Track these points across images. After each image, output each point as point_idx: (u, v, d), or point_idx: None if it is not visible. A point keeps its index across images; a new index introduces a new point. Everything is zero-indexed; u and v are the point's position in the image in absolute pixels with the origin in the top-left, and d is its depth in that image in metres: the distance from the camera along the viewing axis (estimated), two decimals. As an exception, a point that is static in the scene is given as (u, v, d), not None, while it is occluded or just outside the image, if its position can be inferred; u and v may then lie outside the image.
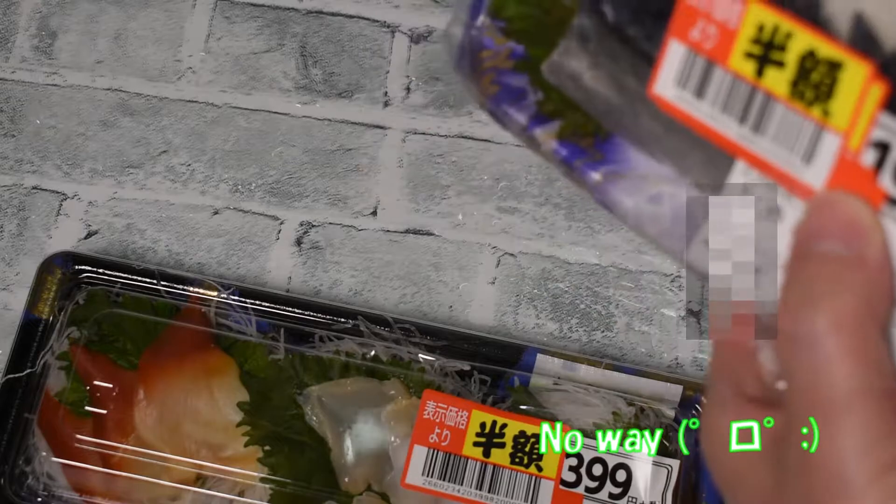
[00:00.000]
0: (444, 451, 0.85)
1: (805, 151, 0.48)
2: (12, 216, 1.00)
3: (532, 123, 0.61)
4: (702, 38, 0.51)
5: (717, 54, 0.51)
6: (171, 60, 1.05)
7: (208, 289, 0.92)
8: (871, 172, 0.46)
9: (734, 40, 0.50)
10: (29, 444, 0.88)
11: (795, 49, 0.48)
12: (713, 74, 0.51)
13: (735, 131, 0.50)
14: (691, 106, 0.52)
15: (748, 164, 0.50)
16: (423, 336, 0.90)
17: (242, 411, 0.88)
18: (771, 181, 0.49)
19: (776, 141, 0.49)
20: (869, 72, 0.46)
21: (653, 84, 0.53)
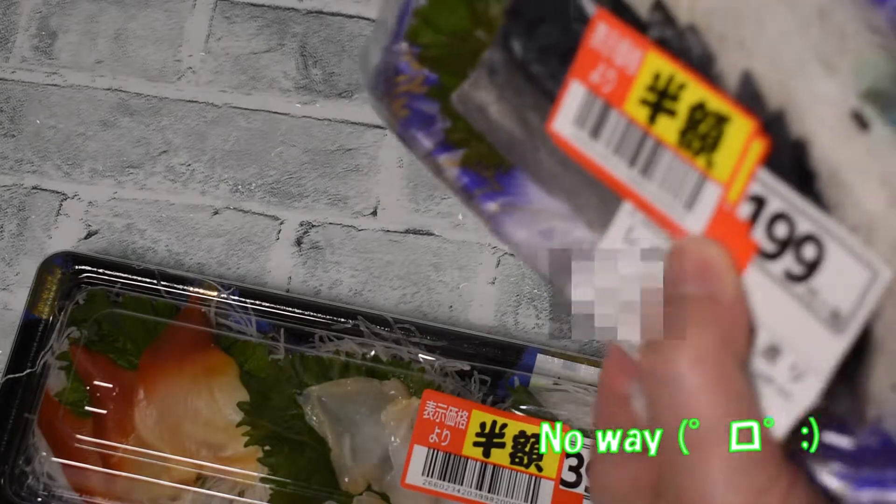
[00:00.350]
0: (444, 451, 0.85)
1: (688, 198, 0.50)
2: (12, 216, 1.00)
3: (437, 150, 0.62)
4: (601, 81, 0.53)
5: (614, 98, 0.52)
6: (171, 60, 1.05)
7: (208, 289, 0.92)
8: (745, 225, 0.48)
9: (631, 86, 0.51)
10: (29, 444, 0.88)
11: (687, 100, 0.49)
12: (609, 117, 0.52)
13: (625, 173, 0.51)
14: (586, 145, 0.53)
15: (635, 205, 0.51)
16: (423, 336, 0.90)
17: (242, 411, 0.88)
18: (654, 224, 0.50)
19: (662, 186, 0.50)
20: (753, 128, 0.48)
21: (552, 121, 0.54)
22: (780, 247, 0.48)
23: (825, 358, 0.46)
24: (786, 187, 0.47)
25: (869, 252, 0.46)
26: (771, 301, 0.48)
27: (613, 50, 0.52)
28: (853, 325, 0.46)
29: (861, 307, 0.46)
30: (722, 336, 0.45)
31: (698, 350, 0.44)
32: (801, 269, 0.47)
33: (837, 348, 0.46)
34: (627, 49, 0.52)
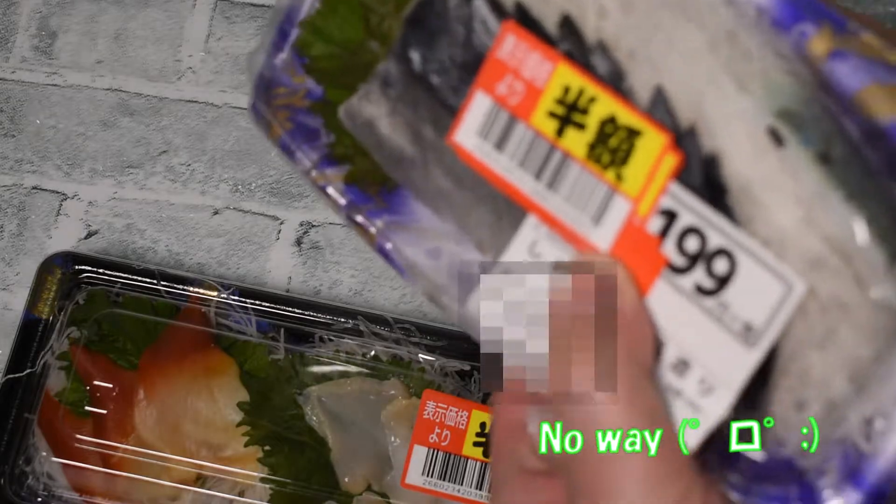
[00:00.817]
0: (444, 450, 0.85)
1: (595, 212, 0.49)
2: (12, 216, 1.00)
3: (321, 165, 0.61)
4: (508, 93, 0.52)
5: (520, 110, 0.51)
6: (170, 60, 1.05)
7: (208, 289, 0.91)
8: (655, 239, 0.48)
9: (539, 99, 0.51)
10: (29, 444, 0.88)
11: (597, 113, 0.49)
12: (514, 129, 0.52)
13: (530, 186, 0.51)
14: (489, 157, 0.52)
15: (539, 218, 0.51)
16: (423, 336, 0.90)
17: (242, 411, 0.88)
18: (559, 238, 0.50)
19: (569, 200, 0.50)
20: (665, 142, 0.48)
21: (454, 132, 0.54)
22: (690, 261, 0.48)
23: (736, 371, 0.46)
24: (698, 201, 0.47)
25: (782, 266, 0.46)
26: (680, 315, 0.48)
27: (522, 62, 0.51)
28: (766, 339, 0.46)
29: (774, 320, 0.46)
30: (626, 347, 0.45)
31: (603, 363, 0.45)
32: (711, 283, 0.47)
33: (749, 362, 0.46)
34: (537, 61, 0.51)
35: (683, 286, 0.48)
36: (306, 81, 0.62)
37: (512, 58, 0.52)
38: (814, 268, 0.46)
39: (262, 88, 0.63)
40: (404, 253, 0.59)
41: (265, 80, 0.63)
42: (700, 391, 0.47)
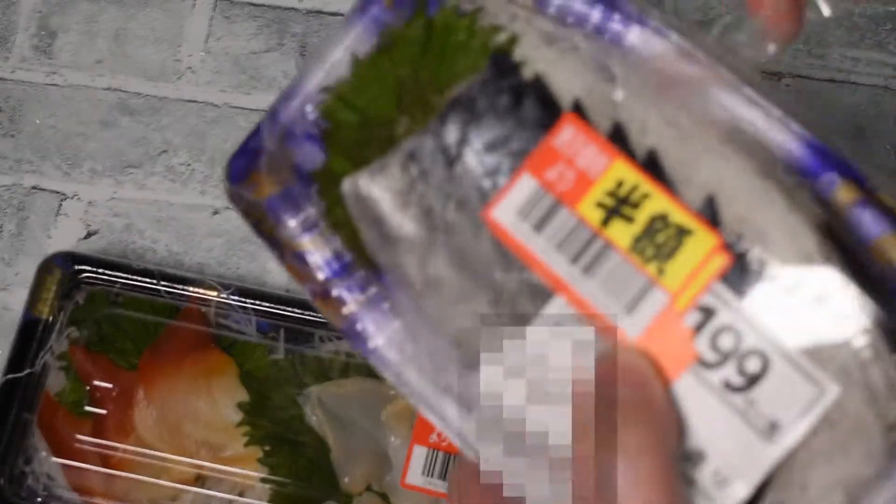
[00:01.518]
0: (444, 451, 0.85)
1: (630, 302, 0.51)
2: (12, 216, 1.00)
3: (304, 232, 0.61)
4: (557, 179, 0.54)
5: (567, 197, 0.53)
6: (170, 60, 1.05)
7: (208, 289, 0.91)
8: (690, 332, 0.50)
9: (590, 188, 0.53)
10: (28, 445, 0.88)
11: (649, 209, 0.51)
12: (558, 214, 0.54)
13: (564, 269, 0.53)
14: (526, 237, 0.54)
15: (567, 301, 0.52)
16: (423, 336, 0.90)
17: (242, 411, 0.88)
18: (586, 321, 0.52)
19: (604, 287, 0.52)
20: (716, 244, 0.50)
21: (492, 208, 0.55)
22: (722, 357, 0.50)
23: (755, 466, 0.48)
24: (738, 299, 0.50)
25: (818, 372, 0.49)
26: (703, 407, 0.49)
27: (577, 152, 0.53)
28: (790, 437, 0.48)
29: (802, 420, 0.48)
30: (656, 432, 0.47)
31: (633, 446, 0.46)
32: (741, 381, 0.49)
33: (770, 458, 0.48)
34: (593, 154, 0.53)
35: (711, 381, 0.50)
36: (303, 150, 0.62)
37: (568, 147, 0.54)
38: (842, 378, 0.49)
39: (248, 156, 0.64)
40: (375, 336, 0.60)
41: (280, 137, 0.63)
42: (714, 483, 0.48)
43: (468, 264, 0.57)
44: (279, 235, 0.62)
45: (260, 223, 0.64)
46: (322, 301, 0.61)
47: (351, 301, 0.60)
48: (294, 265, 0.62)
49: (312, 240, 0.61)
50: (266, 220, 0.63)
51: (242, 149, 0.65)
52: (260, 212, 0.63)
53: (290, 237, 0.62)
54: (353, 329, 0.60)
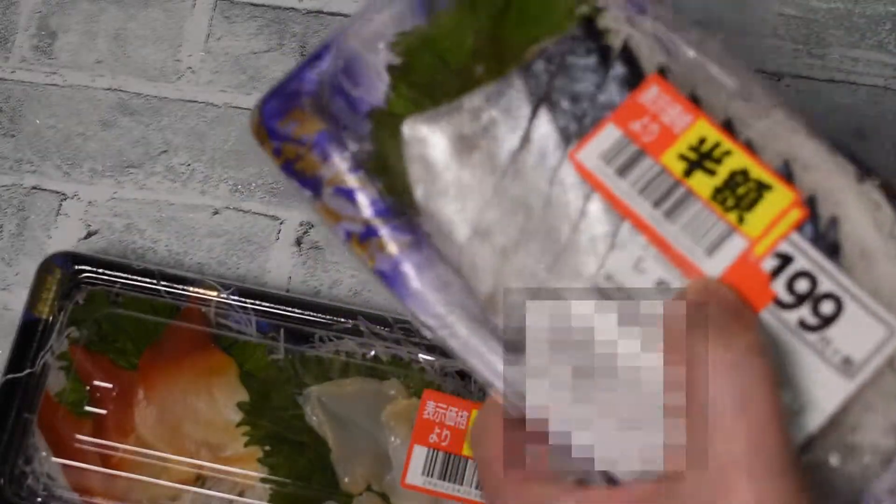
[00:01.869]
0: (444, 451, 0.85)
1: (710, 246, 0.57)
2: (12, 216, 1.00)
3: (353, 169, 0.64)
4: (642, 131, 0.60)
5: (651, 148, 0.59)
6: (170, 60, 1.05)
7: (208, 289, 0.91)
8: (767, 276, 0.56)
9: (673, 142, 0.59)
10: (29, 445, 0.88)
11: (729, 165, 0.57)
12: (641, 161, 0.59)
13: (647, 212, 0.58)
14: (609, 179, 0.59)
15: (649, 240, 0.58)
16: (422, 336, 0.90)
17: (242, 411, 0.88)
18: (666, 260, 0.57)
19: (685, 230, 0.57)
20: (794, 198, 0.56)
21: (578, 150, 0.61)
22: (798, 300, 0.56)
23: (830, 397, 0.53)
24: (815, 251, 0.56)
25: (888, 315, 0.55)
26: (779, 343, 0.55)
27: (662, 110, 0.60)
28: (864, 372, 0.54)
29: (875, 357, 0.54)
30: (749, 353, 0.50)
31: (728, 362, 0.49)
32: (816, 321, 0.55)
33: (845, 391, 0.53)
34: (678, 112, 0.59)
35: (788, 320, 0.55)
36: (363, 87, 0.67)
37: (653, 104, 0.60)
38: None
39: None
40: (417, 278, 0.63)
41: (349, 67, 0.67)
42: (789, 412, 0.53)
43: (531, 213, 0.62)
44: (322, 172, 0.65)
45: (295, 161, 0.67)
46: (360, 242, 0.64)
47: (394, 242, 0.64)
48: (333, 204, 0.65)
49: (360, 178, 0.64)
50: (307, 157, 0.66)
51: (280, 89, 0.67)
52: (300, 148, 0.66)
53: (336, 174, 0.65)
54: (396, 270, 0.63)
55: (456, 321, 0.63)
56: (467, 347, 0.63)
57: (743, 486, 0.47)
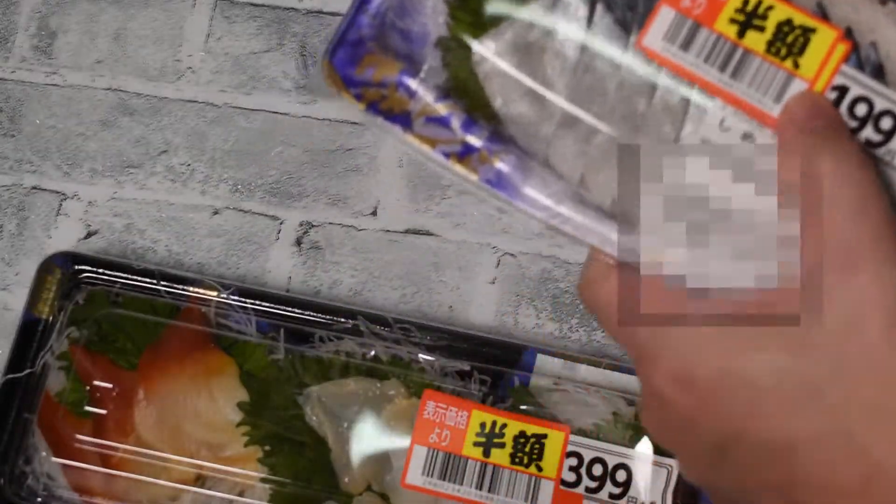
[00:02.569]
0: (444, 451, 0.85)
1: (776, 94, 0.64)
2: (12, 216, 1.00)
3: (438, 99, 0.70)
4: (692, 5, 0.66)
5: (703, 18, 0.66)
6: (170, 60, 1.05)
7: (208, 289, 0.92)
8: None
9: (721, 9, 0.65)
10: (29, 445, 0.88)
11: (775, 18, 0.64)
12: (699, 33, 0.66)
13: (715, 77, 0.65)
14: (676, 56, 0.66)
15: (724, 101, 0.65)
16: (423, 336, 0.90)
17: (242, 411, 0.88)
18: (744, 115, 0.65)
19: (752, 85, 0.64)
20: (838, 35, 0.63)
21: (642, 38, 0.67)
22: (860, 122, 0.64)
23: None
24: (864, 77, 0.63)
25: None
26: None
27: None
28: None
29: None
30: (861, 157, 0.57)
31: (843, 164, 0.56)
32: (880, 137, 0.63)
33: None
34: None
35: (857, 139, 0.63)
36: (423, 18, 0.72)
37: None
38: None
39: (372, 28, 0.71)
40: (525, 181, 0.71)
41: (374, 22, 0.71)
42: None
43: (606, 98, 0.69)
44: (411, 107, 0.70)
45: (380, 101, 0.72)
46: (460, 159, 0.71)
47: (492, 153, 0.70)
48: (426, 132, 0.71)
49: (447, 105, 0.70)
50: (393, 96, 0.71)
51: (342, 39, 0.71)
52: (384, 90, 0.71)
53: (424, 105, 0.70)
54: (500, 177, 0.70)
55: (564, 209, 0.69)
56: (580, 228, 0.69)
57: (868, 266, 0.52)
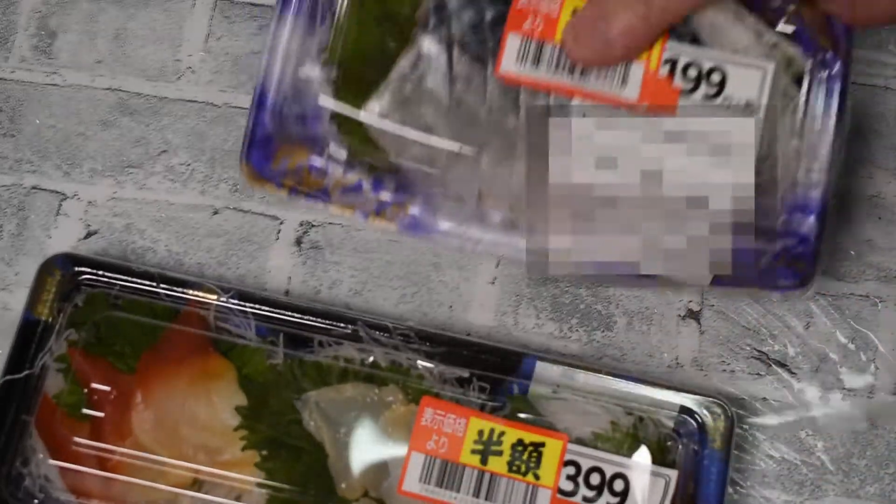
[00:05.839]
0: (441, 458, 0.85)
1: (620, 80, 0.81)
2: (12, 216, 1.00)
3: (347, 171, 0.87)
4: (532, 27, 0.82)
5: (545, 35, 0.82)
6: (170, 60, 1.05)
7: (208, 292, 0.91)
8: (668, 78, 0.81)
9: (557, 22, 0.82)
10: (26, 446, 0.88)
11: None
12: (544, 48, 0.82)
13: (567, 80, 0.81)
14: (531, 73, 0.82)
15: (581, 98, 0.81)
16: (422, 342, 0.90)
17: (240, 415, 0.88)
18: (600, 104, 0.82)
19: (598, 80, 0.81)
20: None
21: (499, 66, 0.82)
22: (695, 82, 0.81)
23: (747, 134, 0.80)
24: (686, 46, 0.81)
25: (755, 60, 0.82)
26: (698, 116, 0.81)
27: (538, 3, 0.82)
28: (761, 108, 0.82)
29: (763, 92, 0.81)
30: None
31: None
32: (714, 90, 0.81)
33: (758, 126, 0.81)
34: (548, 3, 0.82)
35: (696, 99, 0.81)
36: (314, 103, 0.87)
37: (529, 4, 0.82)
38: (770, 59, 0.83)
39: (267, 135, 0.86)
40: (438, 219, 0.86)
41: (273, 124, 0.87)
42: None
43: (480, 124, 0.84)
44: (326, 183, 0.86)
45: (299, 185, 0.86)
46: (378, 214, 0.86)
47: (405, 201, 0.86)
48: (346, 200, 0.86)
49: (355, 172, 0.86)
50: (309, 179, 0.86)
51: (251, 140, 0.86)
52: (299, 175, 0.86)
53: (338, 179, 0.86)
54: (417, 221, 0.86)
55: (474, 232, 0.86)
56: (491, 245, 0.86)
57: None
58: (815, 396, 0.97)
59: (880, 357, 0.98)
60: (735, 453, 0.92)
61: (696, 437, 0.88)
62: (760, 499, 0.94)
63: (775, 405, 0.96)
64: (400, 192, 0.85)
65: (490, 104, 0.84)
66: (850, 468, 0.95)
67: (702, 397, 0.89)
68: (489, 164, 0.84)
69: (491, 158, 0.84)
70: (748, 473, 0.94)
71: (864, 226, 1.01)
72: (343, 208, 0.86)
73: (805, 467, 0.95)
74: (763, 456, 0.95)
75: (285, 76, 0.87)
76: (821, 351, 0.98)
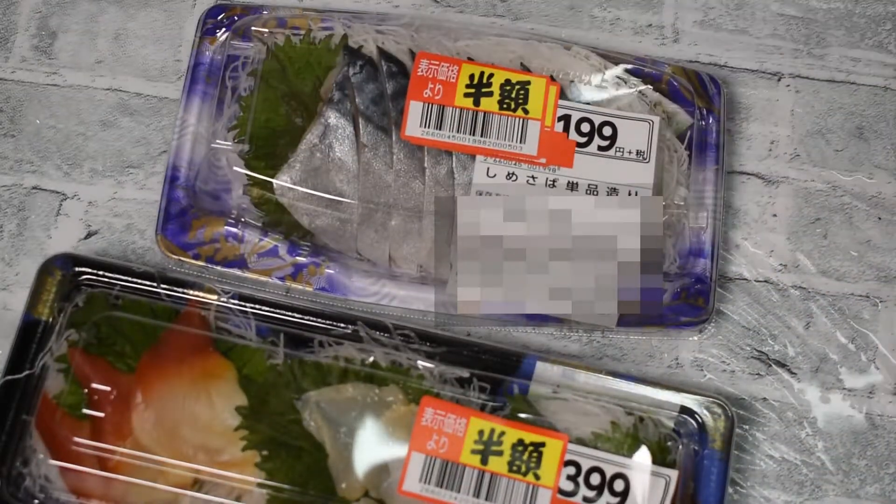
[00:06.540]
0: (441, 458, 0.85)
1: (518, 140, 0.92)
2: (12, 216, 1.00)
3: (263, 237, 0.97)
4: (433, 94, 0.92)
5: (445, 100, 0.92)
6: (170, 60, 1.05)
7: (208, 292, 0.91)
8: (563, 133, 0.93)
9: (455, 90, 0.93)
10: (26, 446, 0.88)
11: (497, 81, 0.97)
12: (445, 112, 0.92)
13: (469, 141, 0.92)
14: (434, 136, 0.92)
15: (484, 156, 0.92)
16: (422, 342, 0.90)
17: (240, 415, 0.88)
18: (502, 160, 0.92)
19: (498, 139, 0.92)
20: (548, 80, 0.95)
21: (403, 131, 0.92)
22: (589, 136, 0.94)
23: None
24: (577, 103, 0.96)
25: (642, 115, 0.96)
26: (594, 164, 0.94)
27: (437, 69, 0.94)
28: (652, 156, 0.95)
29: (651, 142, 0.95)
30: None
31: None
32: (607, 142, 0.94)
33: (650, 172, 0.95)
34: (447, 68, 0.94)
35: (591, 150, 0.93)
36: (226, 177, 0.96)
37: (427, 70, 0.94)
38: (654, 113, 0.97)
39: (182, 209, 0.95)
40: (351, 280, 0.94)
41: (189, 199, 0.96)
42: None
43: (389, 189, 0.93)
44: (241, 250, 0.94)
45: (215, 254, 0.94)
46: (294, 278, 0.94)
47: (320, 264, 0.94)
48: (262, 266, 0.94)
49: (270, 238, 0.95)
50: (225, 247, 0.94)
51: (167, 216, 0.95)
52: (215, 245, 0.94)
53: (253, 246, 0.94)
54: (333, 281, 0.94)
55: (388, 289, 0.94)
56: (405, 300, 0.94)
57: None
58: (815, 396, 0.97)
59: (880, 357, 0.98)
60: (735, 453, 0.92)
61: (696, 437, 0.88)
62: (760, 499, 0.94)
63: (775, 405, 0.96)
64: (315, 254, 0.94)
65: (397, 169, 0.92)
66: (850, 468, 0.95)
67: (702, 397, 0.89)
68: (398, 225, 0.93)
69: (400, 219, 0.93)
70: (748, 473, 0.94)
71: (864, 226, 1.01)
72: (260, 274, 0.94)
73: (805, 467, 0.95)
74: (763, 456, 0.95)
75: (196, 153, 0.96)
76: (821, 351, 0.98)
